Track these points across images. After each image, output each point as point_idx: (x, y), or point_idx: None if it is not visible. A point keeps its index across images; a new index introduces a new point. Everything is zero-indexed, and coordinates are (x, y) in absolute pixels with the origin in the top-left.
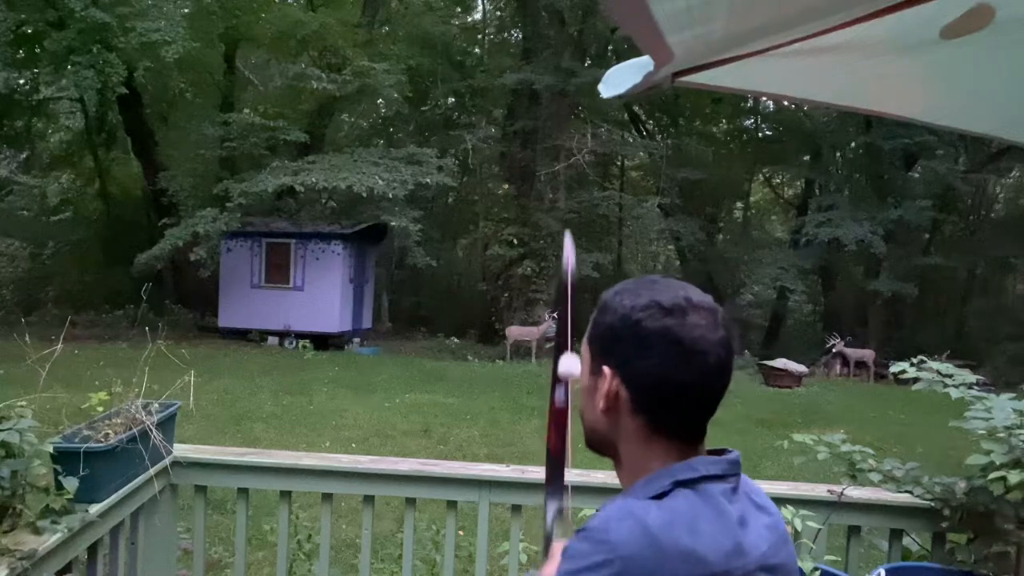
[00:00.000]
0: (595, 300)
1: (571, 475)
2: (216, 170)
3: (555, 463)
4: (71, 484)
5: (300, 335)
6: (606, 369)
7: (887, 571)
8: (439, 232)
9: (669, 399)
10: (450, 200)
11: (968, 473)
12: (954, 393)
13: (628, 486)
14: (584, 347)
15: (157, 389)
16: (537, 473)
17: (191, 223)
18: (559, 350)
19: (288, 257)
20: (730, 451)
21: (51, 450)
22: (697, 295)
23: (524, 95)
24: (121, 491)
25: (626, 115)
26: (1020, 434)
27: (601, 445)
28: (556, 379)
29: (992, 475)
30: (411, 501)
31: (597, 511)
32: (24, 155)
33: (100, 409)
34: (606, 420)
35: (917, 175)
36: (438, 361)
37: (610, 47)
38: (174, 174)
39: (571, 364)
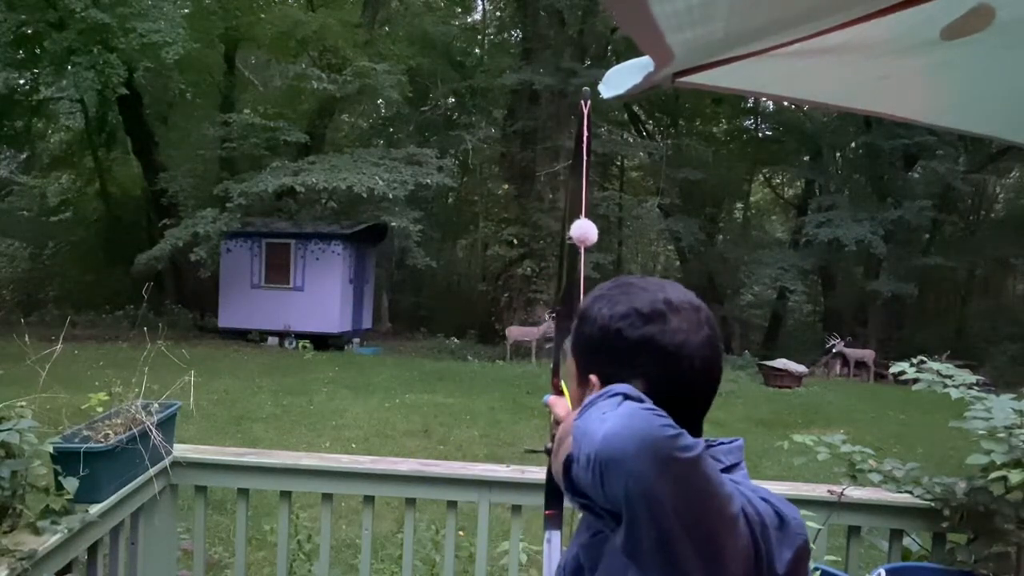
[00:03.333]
0: None
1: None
2: (216, 170)
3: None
4: (71, 484)
5: (300, 335)
6: (592, 379)
7: (887, 571)
8: (439, 232)
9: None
10: (450, 200)
11: (968, 473)
12: (954, 393)
13: None
14: (570, 357)
15: (157, 389)
16: (537, 473)
17: (191, 223)
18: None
19: (288, 257)
20: (730, 440)
21: (51, 450)
22: (676, 294)
23: (524, 95)
24: (121, 491)
25: (626, 115)
26: (1020, 434)
27: None
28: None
29: (993, 475)
30: (411, 501)
31: None
32: (24, 155)
33: (100, 409)
34: None
35: (917, 175)
36: (438, 361)
37: (610, 47)
38: (174, 174)
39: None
